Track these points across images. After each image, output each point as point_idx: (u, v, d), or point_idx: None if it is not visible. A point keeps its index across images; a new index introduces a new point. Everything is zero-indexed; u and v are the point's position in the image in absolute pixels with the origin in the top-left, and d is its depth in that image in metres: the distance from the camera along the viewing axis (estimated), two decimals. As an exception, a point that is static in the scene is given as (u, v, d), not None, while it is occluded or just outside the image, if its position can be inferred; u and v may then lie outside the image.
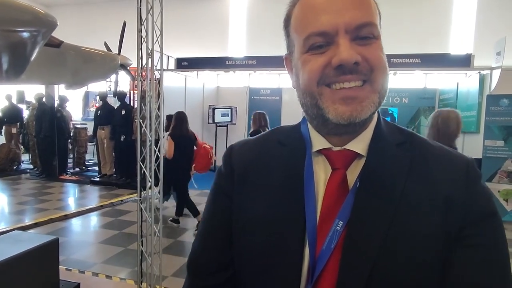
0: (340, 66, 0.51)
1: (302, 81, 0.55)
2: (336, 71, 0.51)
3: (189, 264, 0.67)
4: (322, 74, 0.52)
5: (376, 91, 0.53)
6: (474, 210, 0.53)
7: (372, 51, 0.52)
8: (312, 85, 0.54)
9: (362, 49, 0.51)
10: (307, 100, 0.56)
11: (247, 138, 0.71)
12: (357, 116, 0.52)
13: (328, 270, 0.53)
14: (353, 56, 0.50)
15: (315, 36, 0.52)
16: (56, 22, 2.22)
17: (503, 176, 4.84)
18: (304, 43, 0.54)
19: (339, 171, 0.57)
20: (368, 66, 0.52)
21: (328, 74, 0.52)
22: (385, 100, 0.57)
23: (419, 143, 0.60)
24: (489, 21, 7.62)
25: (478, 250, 0.52)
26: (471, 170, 0.56)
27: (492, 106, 4.88)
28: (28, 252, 2.01)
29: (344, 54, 0.50)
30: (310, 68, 0.53)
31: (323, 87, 0.53)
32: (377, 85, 0.53)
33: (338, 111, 0.52)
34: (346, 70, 0.51)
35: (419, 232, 0.52)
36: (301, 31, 0.55)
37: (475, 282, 0.51)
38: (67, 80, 4.73)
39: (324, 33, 0.51)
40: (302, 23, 0.55)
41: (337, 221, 0.54)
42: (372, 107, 0.53)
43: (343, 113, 0.52)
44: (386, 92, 0.55)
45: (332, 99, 0.53)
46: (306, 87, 0.55)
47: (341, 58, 0.50)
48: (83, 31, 10.07)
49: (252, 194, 0.61)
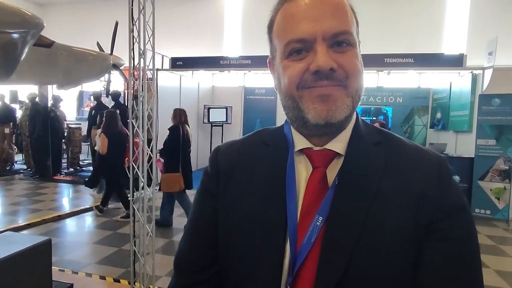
0: (317, 71, 0.54)
1: (283, 85, 0.59)
2: (314, 76, 0.55)
3: (175, 262, 0.70)
4: (301, 80, 0.56)
5: (350, 95, 0.56)
6: (445, 205, 0.56)
7: (347, 58, 0.56)
8: (292, 89, 0.57)
9: (338, 56, 0.55)
10: (289, 102, 0.59)
11: (233, 140, 0.73)
12: (332, 115, 0.55)
13: (307, 263, 0.55)
14: (329, 63, 0.54)
15: (295, 43, 0.56)
16: (43, 24, 2.22)
17: (495, 175, 4.90)
18: (285, 48, 0.58)
19: (319, 169, 0.60)
20: (343, 73, 0.55)
21: (306, 79, 0.56)
22: (379, 100, 0.59)
23: (395, 142, 0.63)
24: (481, 21, 7.70)
25: (448, 243, 0.54)
26: (443, 167, 0.59)
27: (484, 106, 4.94)
28: (20, 253, 2.00)
29: (321, 61, 0.54)
30: (290, 73, 0.57)
31: (303, 90, 0.57)
32: (351, 89, 0.56)
33: (316, 110, 0.56)
34: (323, 76, 0.55)
35: (393, 227, 0.55)
36: (282, 37, 0.58)
37: (446, 274, 0.53)
38: (59, 80, 4.71)
39: (303, 40, 0.55)
40: (283, 30, 0.58)
41: (317, 216, 0.57)
42: (346, 109, 0.56)
43: (321, 111, 0.55)
44: (360, 96, 0.59)
45: (311, 99, 0.56)
46: (287, 91, 0.59)
47: (318, 64, 0.54)
48: (75, 31, 10.01)
49: (237, 194, 0.64)
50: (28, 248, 2.05)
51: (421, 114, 7.22)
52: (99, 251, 3.61)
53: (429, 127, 7.12)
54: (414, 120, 7.24)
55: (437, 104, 6.88)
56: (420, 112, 7.22)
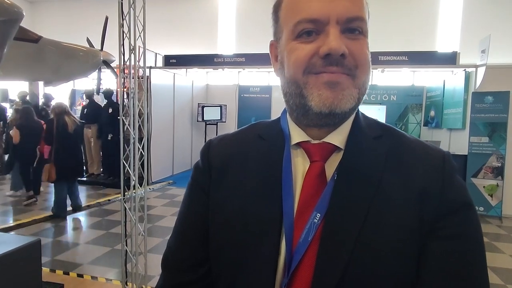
0: (328, 55, 0.51)
1: (288, 70, 0.55)
2: (323, 61, 0.51)
3: (163, 261, 0.66)
4: (309, 63, 0.52)
5: (357, 86, 0.53)
6: (449, 202, 0.53)
7: (359, 47, 0.52)
8: (298, 73, 0.53)
9: (350, 43, 0.51)
10: (292, 89, 0.55)
11: (226, 133, 0.70)
12: (338, 104, 0.52)
13: (305, 263, 0.52)
14: (341, 47, 0.50)
15: (306, 23, 0.52)
16: (23, 13, 2.16)
17: (488, 172, 4.93)
18: (294, 28, 0.53)
19: (317, 163, 0.57)
20: (353, 62, 0.52)
21: (315, 63, 0.52)
22: (373, 98, 0.56)
23: (396, 137, 0.60)
24: (474, 20, 7.75)
25: (453, 240, 0.52)
26: (447, 162, 0.56)
27: (477, 103, 4.97)
28: (8, 254, 1.96)
29: (333, 44, 0.50)
30: (296, 56, 0.53)
31: (309, 75, 0.53)
32: (359, 81, 0.53)
33: (322, 97, 0.52)
34: (333, 61, 0.51)
35: (395, 223, 0.52)
36: (291, 17, 0.54)
37: (450, 272, 0.51)
38: (47, 77, 4.63)
39: (315, 20, 0.51)
40: (294, 8, 0.54)
41: (315, 213, 0.54)
42: (351, 100, 0.53)
43: (326, 98, 0.52)
44: (366, 90, 0.56)
45: (317, 85, 0.52)
46: (291, 76, 0.54)
47: (330, 47, 0.50)
48: (66, 26, 9.90)
49: (230, 189, 0.60)
50: (16, 249, 2.01)
51: (415, 112, 7.25)
52: (91, 251, 3.56)
53: (423, 125, 7.16)
54: (408, 118, 7.27)
55: (431, 102, 6.92)
56: (414, 110, 7.25)
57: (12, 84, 7.36)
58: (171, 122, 7.25)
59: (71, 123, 4.43)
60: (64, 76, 4.81)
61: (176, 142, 7.45)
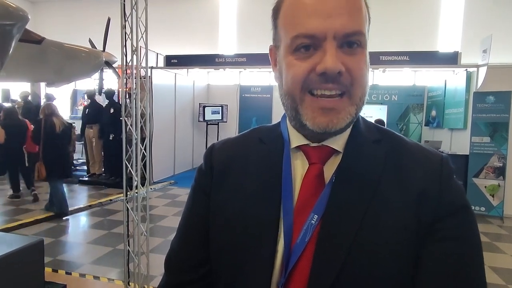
0: (324, 73, 0.52)
1: (286, 83, 0.56)
2: (320, 78, 0.52)
3: (166, 262, 0.68)
4: (306, 79, 0.53)
5: (354, 103, 0.54)
6: (447, 204, 0.54)
7: (356, 63, 0.53)
8: (295, 89, 0.54)
9: (347, 59, 0.52)
10: (288, 102, 0.57)
11: (228, 137, 0.72)
12: (333, 127, 0.54)
13: (301, 263, 0.53)
14: (337, 66, 0.51)
15: (303, 38, 0.53)
16: (28, 16, 2.17)
17: (489, 172, 4.93)
18: (292, 42, 0.54)
19: (315, 165, 0.58)
20: (349, 79, 0.53)
21: (311, 79, 0.53)
22: (375, 98, 0.57)
23: (395, 141, 0.61)
24: (476, 19, 7.74)
25: (451, 242, 0.53)
26: (445, 165, 0.57)
27: (479, 103, 4.96)
28: (11, 254, 1.96)
29: (329, 63, 0.51)
30: (294, 73, 0.54)
31: (306, 93, 0.54)
32: (356, 98, 0.54)
33: (315, 121, 0.54)
34: (329, 78, 0.52)
35: (392, 226, 0.53)
36: (289, 29, 0.54)
37: (447, 274, 0.52)
38: (50, 77, 4.65)
39: (312, 36, 0.52)
40: (292, 21, 0.54)
41: (312, 214, 0.55)
42: (348, 118, 0.54)
43: (320, 123, 0.53)
44: (364, 103, 0.56)
45: (312, 107, 0.54)
46: (289, 90, 0.56)
47: (326, 66, 0.51)
48: (68, 27, 9.92)
49: (231, 191, 0.62)
50: (19, 249, 2.02)
51: (416, 112, 7.25)
52: (93, 251, 3.57)
53: (424, 125, 7.15)
54: (409, 118, 7.27)
55: (432, 102, 6.91)
56: (415, 110, 7.24)
57: (14, 85, 7.38)
58: (172, 122, 7.26)
59: (59, 124, 4.54)
60: (66, 77, 4.82)
61: (178, 142, 7.46)
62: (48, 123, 4.47)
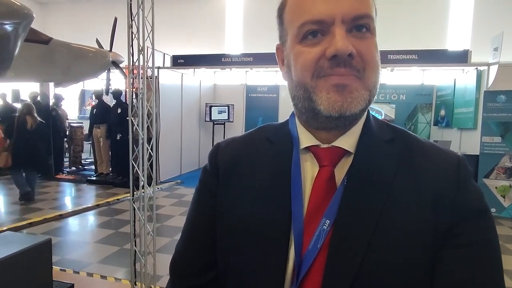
0: (335, 56, 0.49)
1: (295, 74, 0.54)
2: (331, 63, 0.50)
3: (172, 265, 0.66)
4: (316, 66, 0.51)
5: (368, 89, 0.52)
6: (465, 208, 0.51)
7: (366, 46, 0.51)
8: (306, 77, 0.52)
9: (357, 43, 0.50)
10: (300, 93, 0.54)
11: (234, 136, 0.69)
12: (347, 107, 0.51)
13: (313, 271, 0.51)
14: (348, 47, 0.49)
15: (311, 24, 0.51)
16: (33, 15, 2.17)
17: (500, 172, 4.84)
18: (298, 31, 0.52)
19: (326, 168, 0.56)
20: (361, 62, 0.51)
21: (322, 66, 0.51)
22: (382, 97, 0.55)
23: (409, 140, 0.58)
24: (486, 17, 7.61)
25: (469, 248, 0.50)
26: (462, 167, 0.54)
27: (490, 102, 4.87)
28: (20, 253, 1.98)
29: (339, 44, 0.48)
30: (303, 60, 0.52)
31: (317, 79, 0.52)
32: (369, 82, 0.52)
33: (330, 100, 0.51)
34: (341, 62, 0.50)
35: (407, 230, 0.50)
36: (296, 18, 0.53)
37: (466, 280, 0.49)
38: (57, 78, 4.69)
39: (320, 21, 0.50)
40: (298, 10, 0.53)
41: (324, 220, 0.52)
42: (362, 102, 0.51)
43: (335, 102, 0.50)
44: (377, 90, 0.54)
45: (326, 88, 0.51)
46: (299, 80, 0.53)
47: (337, 48, 0.49)
48: (76, 28, 10.02)
49: (238, 192, 0.60)
50: (28, 248, 2.03)
51: (425, 111, 7.15)
52: (100, 251, 3.59)
53: (433, 125, 7.05)
54: (417, 117, 7.18)
55: (441, 101, 6.81)
56: (424, 109, 7.15)
57: (24, 85, 7.47)
58: (179, 122, 7.29)
59: (31, 122, 5.10)
60: (74, 77, 4.86)
61: (184, 142, 7.48)
62: (21, 120, 5.07)
